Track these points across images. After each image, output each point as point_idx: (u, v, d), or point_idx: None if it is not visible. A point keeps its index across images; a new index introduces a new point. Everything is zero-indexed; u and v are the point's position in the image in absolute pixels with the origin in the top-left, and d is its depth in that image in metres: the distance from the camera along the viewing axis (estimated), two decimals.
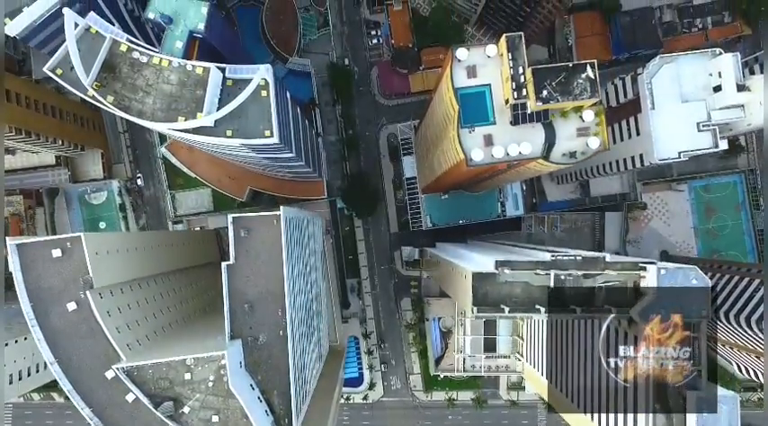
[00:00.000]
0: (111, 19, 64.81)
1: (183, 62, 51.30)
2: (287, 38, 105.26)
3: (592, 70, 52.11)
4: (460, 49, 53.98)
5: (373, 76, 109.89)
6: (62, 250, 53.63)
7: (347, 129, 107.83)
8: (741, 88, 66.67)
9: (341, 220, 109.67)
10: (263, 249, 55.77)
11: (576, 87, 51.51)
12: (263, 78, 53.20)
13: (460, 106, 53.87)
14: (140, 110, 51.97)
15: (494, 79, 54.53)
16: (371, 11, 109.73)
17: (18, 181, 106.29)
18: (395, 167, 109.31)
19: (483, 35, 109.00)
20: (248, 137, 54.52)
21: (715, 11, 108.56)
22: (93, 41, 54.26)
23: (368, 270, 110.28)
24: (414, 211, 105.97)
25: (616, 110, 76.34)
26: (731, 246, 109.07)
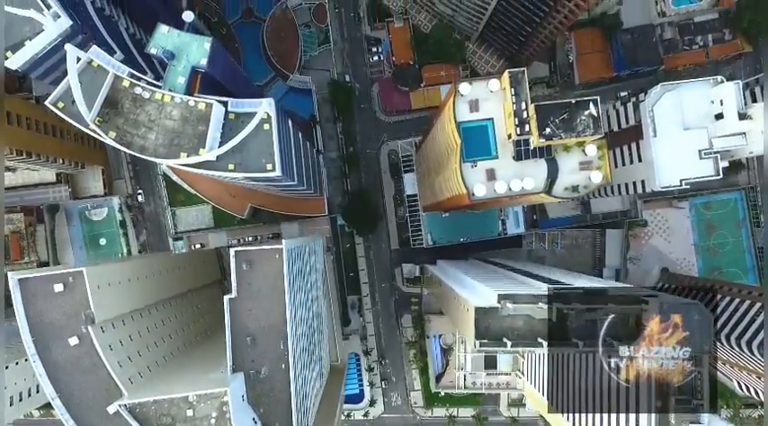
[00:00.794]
0: (114, 47, 64.59)
1: (185, 98, 51.18)
2: (288, 55, 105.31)
3: (594, 107, 52.02)
4: (463, 84, 53.92)
5: (374, 93, 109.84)
6: (64, 284, 53.60)
7: (348, 146, 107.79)
8: (743, 116, 66.73)
9: (341, 237, 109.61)
10: (265, 283, 55.75)
11: (578, 124, 51.49)
12: (265, 112, 53.04)
13: (463, 140, 53.85)
14: (142, 146, 51.86)
15: (496, 113, 54.50)
16: (372, 27, 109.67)
17: (18, 197, 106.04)
18: (396, 184, 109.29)
19: (484, 52, 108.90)
20: (250, 171, 54.42)
21: (716, 28, 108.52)
22: (95, 75, 54.13)
23: (368, 286, 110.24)
24: (414, 228, 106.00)
25: (617, 135, 76.36)
26: (732, 263, 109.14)
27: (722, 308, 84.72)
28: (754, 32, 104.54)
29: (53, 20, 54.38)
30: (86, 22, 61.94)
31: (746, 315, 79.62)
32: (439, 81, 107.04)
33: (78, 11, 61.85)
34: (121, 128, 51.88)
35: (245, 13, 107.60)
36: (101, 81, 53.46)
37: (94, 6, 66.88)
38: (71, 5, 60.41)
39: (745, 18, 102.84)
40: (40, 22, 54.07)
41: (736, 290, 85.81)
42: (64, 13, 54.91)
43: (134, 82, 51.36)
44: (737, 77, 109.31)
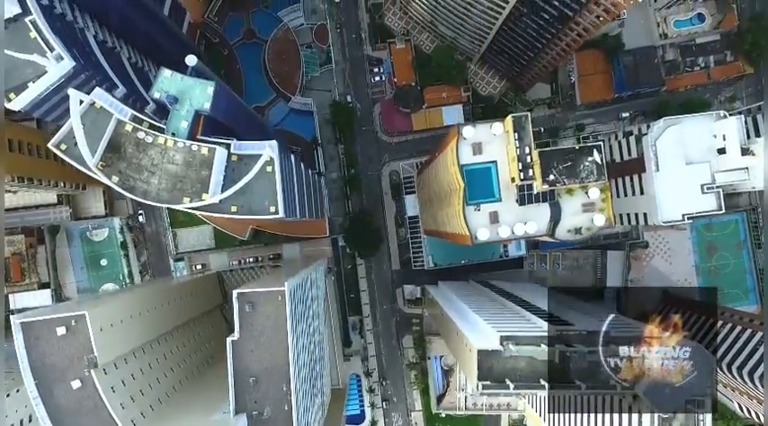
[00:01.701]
0: (116, 82, 64.41)
1: (188, 143, 51.11)
2: (289, 76, 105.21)
3: (598, 153, 51.91)
4: (466, 127, 53.88)
5: (375, 113, 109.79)
6: (66, 327, 53.53)
7: (349, 168, 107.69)
8: (745, 151, 66.81)
9: (343, 258, 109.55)
10: (268, 324, 55.78)
11: (582, 170, 51.42)
12: (268, 156, 52.99)
13: (466, 183, 53.79)
14: (145, 191, 51.80)
15: (499, 156, 54.46)
16: (374, 47, 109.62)
17: (19, 218, 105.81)
18: (397, 205, 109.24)
19: (485, 73, 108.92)
20: (253, 214, 54.41)
21: (717, 50, 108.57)
22: (97, 116, 54.14)
23: (370, 307, 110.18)
24: (416, 250, 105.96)
25: (620, 166, 76.37)
26: (732, 285, 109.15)
27: (723, 336, 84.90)
28: (755, 55, 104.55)
29: (56, 62, 54.22)
30: (88, 59, 61.79)
31: (747, 344, 79.59)
32: (441, 102, 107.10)
33: (80, 46, 61.75)
34: (124, 173, 51.81)
35: (246, 34, 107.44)
36: (103, 123, 53.50)
37: (96, 40, 66.80)
38: (73, 41, 60.36)
39: (747, 40, 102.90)
40: (43, 65, 53.87)
41: (738, 318, 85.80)
42: (67, 54, 54.72)
43: (137, 126, 51.24)
44: (739, 98, 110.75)
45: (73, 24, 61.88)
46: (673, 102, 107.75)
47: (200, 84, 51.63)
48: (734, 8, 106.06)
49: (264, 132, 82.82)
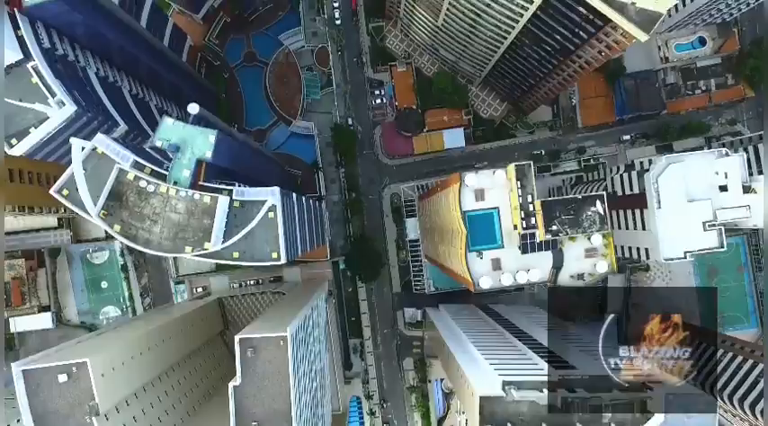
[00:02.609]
0: (118, 119, 64.39)
1: (190, 192, 51.04)
2: (290, 100, 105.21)
3: (601, 204, 51.85)
4: (469, 175, 53.84)
5: (376, 136, 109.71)
6: (68, 375, 53.23)
7: (350, 192, 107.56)
8: (747, 189, 66.80)
9: (343, 280, 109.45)
10: (270, 369, 55.58)
11: (584, 219, 51.40)
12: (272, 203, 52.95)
13: (468, 230, 53.73)
14: (147, 240, 51.73)
15: (502, 202, 54.42)
16: (375, 70, 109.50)
17: (19, 241, 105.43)
18: (398, 227, 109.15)
19: (487, 95, 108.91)
20: (255, 260, 54.36)
21: (718, 73, 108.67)
22: (99, 161, 54.03)
23: (370, 329, 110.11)
24: (416, 274, 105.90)
25: (621, 199, 76.28)
26: (733, 307, 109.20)
27: (723, 365, 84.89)
28: (756, 79, 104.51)
29: (58, 107, 54.17)
30: (90, 98, 61.77)
31: (749, 376, 79.61)
32: (442, 125, 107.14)
33: (81, 85, 61.74)
34: (126, 221, 51.72)
35: (247, 57, 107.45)
36: (105, 168, 53.39)
37: (98, 76, 66.74)
38: (74, 82, 60.35)
39: (748, 65, 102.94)
40: (45, 112, 53.77)
41: (739, 347, 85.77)
42: (68, 99, 54.69)
43: (138, 175, 51.12)
44: (739, 120, 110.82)
45: (74, 64, 61.84)
46: (674, 125, 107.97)
47: (201, 133, 51.53)
48: (735, 32, 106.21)
49: (268, 169, 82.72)
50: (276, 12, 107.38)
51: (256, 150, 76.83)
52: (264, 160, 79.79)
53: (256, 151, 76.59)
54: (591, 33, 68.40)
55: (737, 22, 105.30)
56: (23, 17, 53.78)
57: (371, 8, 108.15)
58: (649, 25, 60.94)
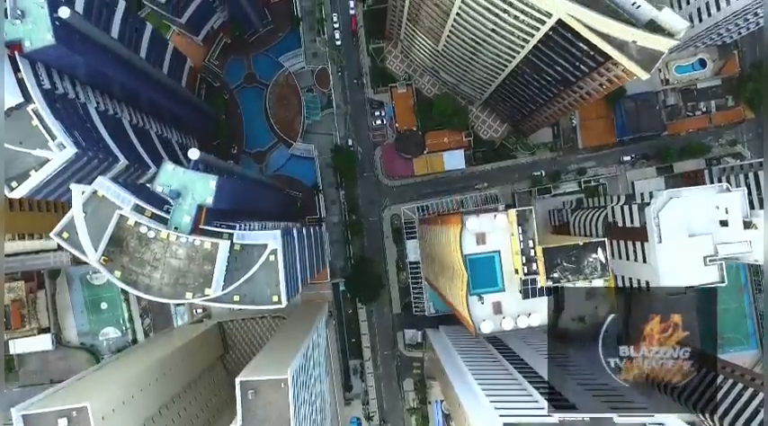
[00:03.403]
0: (118, 155, 64.22)
1: (191, 238, 50.95)
2: (290, 122, 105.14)
3: (602, 251, 51.83)
4: (470, 220, 53.77)
5: (377, 157, 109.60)
6: (68, 419, 53.21)
7: (350, 214, 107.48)
8: (747, 225, 66.73)
9: (343, 302, 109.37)
10: (271, 412, 55.60)
11: (586, 266, 51.37)
12: (273, 248, 52.89)
13: (470, 273, 53.69)
14: (148, 285, 51.66)
15: (503, 246, 54.37)
16: (375, 90, 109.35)
17: (19, 263, 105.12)
18: (398, 248, 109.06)
19: (487, 116, 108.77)
20: (255, 304, 54.33)
21: (719, 94, 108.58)
22: (99, 204, 54.04)
23: (370, 350, 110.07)
24: (416, 295, 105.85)
25: (621, 230, 76.18)
26: (733, 329, 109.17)
27: (724, 392, 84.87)
28: (756, 101, 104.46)
29: (58, 150, 54.02)
30: (90, 135, 61.64)
31: (749, 405, 79.59)
32: (442, 147, 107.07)
33: (81, 123, 61.65)
34: (127, 267, 51.64)
35: (247, 78, 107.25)
36: (106, 211, 53.39)
37: (98, 110, 66.61)
38: (75, 121, 60.24)
39: (749, 88, 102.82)
40: (45, 156, 53.67)
41: (739, 375, 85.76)
42: (69, 141, 54.57)
43: (139, 221, 51.02)
44: (740, 141, 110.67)
45: (75, 101, 61.74)
46: (674, 146, 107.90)
47: (202, 178, 51.47)
48: (735, 54, 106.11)
49: (267, 200, 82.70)
50: (276, 33, 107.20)
51: (256, 183, 76.73)
52: (264, 191, 79.74)
53: (256, 184, 76.50)
54: (592, 67, 68.32)
55: (738, 44, 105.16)
56: (24, 59, 53.62)
57: (372, 29, 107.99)
58: (650, 64, 60.85)
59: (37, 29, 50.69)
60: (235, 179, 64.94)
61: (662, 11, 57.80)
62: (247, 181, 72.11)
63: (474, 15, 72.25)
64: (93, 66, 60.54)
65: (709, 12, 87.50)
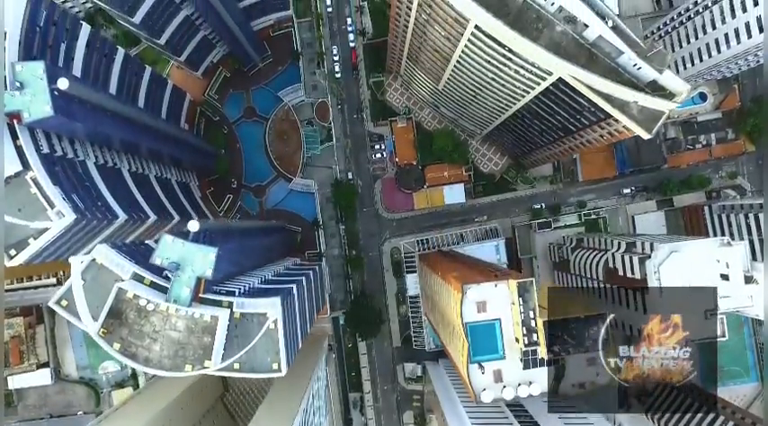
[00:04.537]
0: (117, 211, 64.02)
1: (190, 311, 50.75)
2: (290, 157, 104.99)
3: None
4: (470, 290, 53.55)
5: (377, 190, 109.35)
6: None
7: (350, 248, 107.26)
8: (749, 280, 66.64)
9: (343, 335, 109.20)
10: None
11: (587, 339, 51.18)
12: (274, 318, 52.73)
13: (470, 341, 53.52)
14: (147, 358, 51.44)
15: (503, 314, 54.14)
16: (375, 123, 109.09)
17: (18, 297, 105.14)
18: (398, 282, 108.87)
19: (487, 149, 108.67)
20: (255, 372, 54.10)
21: (719, 127, 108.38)
22: (99, 271, 53.90)
23: (370, 383, 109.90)
24: (416, 329, 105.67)
25: (623, 278, 76.03)
26: (733, 362, 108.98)
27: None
28: (756, 136, 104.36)
29: (57, 218, 53.80)
30: (89, 194, 61.51)
31: None
32: (442, 181, 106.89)
33: (80, 181, 61.43)
34: (126, 340, 51.43)
35: (246, 112, 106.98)
36: (105, 278, 53.28)
37: (97, 164, 66.39)
38: (74, 182, 60.04)
39: (749, 123, 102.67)
40: (44, 225, 53.46)
41: (740, 417, 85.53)
42: (68, 208, 54.36)
43: (137, 293, 50.79)
44: (740, 174, 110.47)
45: (73, 161, 61.49)
46: (674, 179, 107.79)
47: (201, 251, 51.21)
48: (735, 88, 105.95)
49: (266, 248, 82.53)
50: (276, 66, 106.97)
51: (256, 233, 76.50)
52: (264, 239, 79.50)
53: (256, 235, 76.27)
54: (593, 121, 68.13)
55: (738, 77, 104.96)
56: (23, 127, 53.38)
57: (372, 62, 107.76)
58: (652, 123, 60.68)
59: (36, 100, 50.38)
60: (235, 239, 64.73)
61: (663, 73, 57.59)
62: (247, 235, 71.91)
63: (474, 65, 72.03)
64: (92, 127, 60.27)
65: (709, 53, 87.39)
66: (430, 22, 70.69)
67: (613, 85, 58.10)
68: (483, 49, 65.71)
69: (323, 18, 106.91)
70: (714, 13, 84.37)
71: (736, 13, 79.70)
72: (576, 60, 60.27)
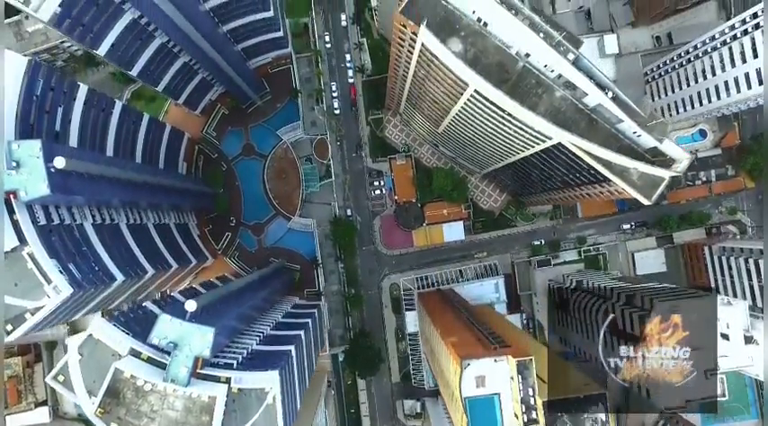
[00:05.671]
0: (115, 273, 63.69)
1: (188, 391, 50.48)
2: (289, 196, 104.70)
3: (603, 404, 51.41)
4: (470, 366, 53.31)
5: (376, 226, 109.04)
6: None
7: (349, 286, 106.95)
8: (749, 340, 66.44)
9: (343, 372, 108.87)
10: None
11: (586, 420, 50.97)
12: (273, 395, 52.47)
13: (469, 417, 53.28)
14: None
15: (503, 388, 53.87)
16: (374, 160, 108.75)
17: None
18: (397, 318, 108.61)
19: (487, 186, 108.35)
20: None
21: (719, 164, 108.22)
22: (96, 346, 53.78)
23: (369, 420, 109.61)
24: (415, 366, 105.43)
25: (623, 332, 75.73)
26: (734, 399, 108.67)
27: None
28: (756, 174, 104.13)
29: (55, 293, 53.44)
30: (86, 259, 61.05)
31: None
32: (441, 219, 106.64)
33: (77, 247, 60.96)
34: (123, 419, 51.14)
35: (245, 149, 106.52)
36: (102, 353, 53.12)
37: (95, 225, 65.95)
38: (70, 244, 59.63)
39: (749, 162, 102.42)
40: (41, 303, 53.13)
41: None
42: (64, 282, 53.93)
43: (135, 374, 50.52)
44: (740, 209, 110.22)
45: (71, 226, 61.02)
46: (673, 215, 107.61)
47: (198, 330, 50.95)
48: (735, 125, 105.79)
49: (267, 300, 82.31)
50: (275, 103, 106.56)
51: (254, 287, 76.21)
52: (263, 290, 79.14)
53: (255, 289, 75.97)
54: (593, 181, 67.91)
55: (738, 115, 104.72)
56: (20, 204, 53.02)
57: (371, 99, 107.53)
58: (652, 190, 60.52)
59: (32, 179, 50.03)
60: (233, 302, 64.41)
61: (663, 142, 57.36)
62: (245, 292, 71.58)
63: (473, 119, 71.78)
64: (91, 196, 59.99)
65: (709, 99, 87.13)
66: (429, 78, 70.44)
67: (612, 154, 57.86)
68: (482, 108, 65.45)
69: (322, 55, 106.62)
70: (714, 60, 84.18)
71: (736, 63, 79.48)
72: (576, 125, 60.18)
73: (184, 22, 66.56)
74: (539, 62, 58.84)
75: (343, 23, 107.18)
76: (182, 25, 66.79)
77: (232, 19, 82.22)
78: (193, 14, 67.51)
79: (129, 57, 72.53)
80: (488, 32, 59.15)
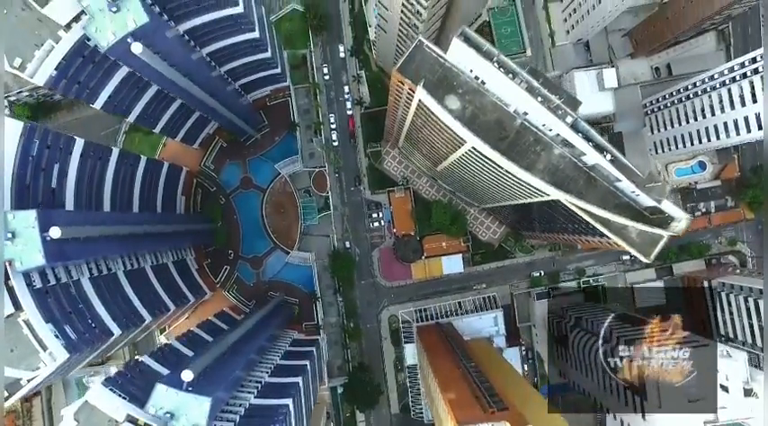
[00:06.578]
0: (112, 326, 63.56)
1: None
2: (287, 230, 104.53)
3: None
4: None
5: (374, 258, 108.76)
6: None
7: (348, 319, 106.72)
8: (748, 393, 66.21)
9: (342, 403, 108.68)
10: None
11: None
12: None
13: None
14: None
15: None
16: (373, 192, 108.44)
17: None
18: (396, 350, 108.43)
19: (485, 218, 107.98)
20: None
21: (718, 195, 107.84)
22: (92, 413, 53.51)
23: None
24: (414, 398, 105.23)
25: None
26: None
27: None
28: (756, 206, 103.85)
29: (51, 359, 53.28)
30: (83, 317, 60.92)
31: None
32: (440, 252, 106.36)
33: (74, 305, 60.82)
34: None
35: (243, 182, 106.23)
36: (97, 421, 52.85)
37: (92, 278, 65.73)
38: (67, 304, 59.47)
39: (749, 194, 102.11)
40: (38, 369, 52.97)
41: None
42: (60, 348, 53.84)
43: None
44: (740, 240, 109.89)
45: (67, 284, 60.80)
46: (673, 246, 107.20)
47: (195, 400, 50.69)
48: (735, 158, 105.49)
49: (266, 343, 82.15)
50: (273, 136, 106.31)
51: (253, 333, 75.94)
52: (261, 334, 78.88)
53: (253, 334, 75.70)
54: (592, 233, 67.64)
55: (738, 147, 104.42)
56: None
57: (370, 131, 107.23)
58: (650, 247, 60.26)
59: (28, 250, 49.85)
60: (230, 355, 64.13)
61: (662, 203, 57.05)
62: (243, 340, 71.26)
63: (472, 168, 71.55)
64: (87, 257, 59.80)
65: (708, 138, 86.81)
66: (427, 126, 70.18)
67: (610, 214, 57.55)
68: (481, 162, 65.18)
69: (320, 87, 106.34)
70: (713, 100, 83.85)
71: (735, 106, 79.15)
72: (575, 183, 59.91)
73: (178, 75, 66.22)
74: (537, 120, 58.59)
75: (342, 55, 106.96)
76: (176, 79, 66.45)
77: (230, 61, 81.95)
78: (187, 65, 67.16)
79: (126, 106, 72.29)
80: (486, 90, 58.89)
